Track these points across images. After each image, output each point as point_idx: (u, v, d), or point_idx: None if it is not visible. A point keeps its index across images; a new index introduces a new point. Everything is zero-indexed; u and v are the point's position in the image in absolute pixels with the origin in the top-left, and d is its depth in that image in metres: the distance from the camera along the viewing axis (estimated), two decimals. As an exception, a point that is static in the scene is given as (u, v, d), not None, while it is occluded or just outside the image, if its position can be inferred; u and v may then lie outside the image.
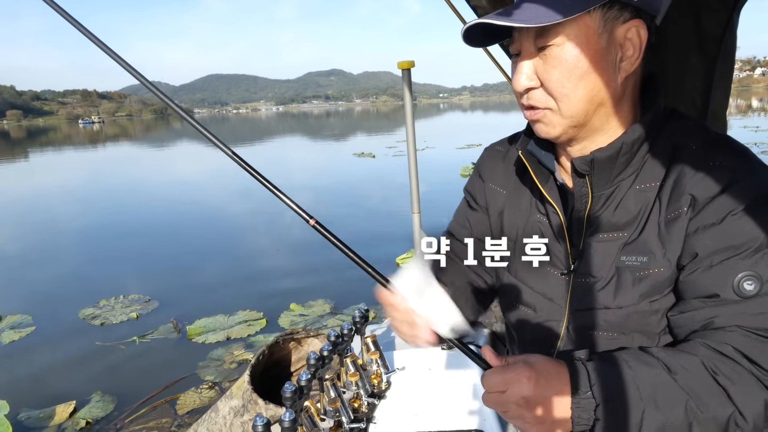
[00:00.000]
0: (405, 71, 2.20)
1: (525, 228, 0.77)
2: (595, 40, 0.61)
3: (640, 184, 0.66)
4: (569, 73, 0.62)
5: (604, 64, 0.62)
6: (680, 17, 1.43)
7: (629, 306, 0.66)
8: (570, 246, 0.71)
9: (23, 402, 3.02)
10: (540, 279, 0.75)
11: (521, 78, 0.65)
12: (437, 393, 1.20)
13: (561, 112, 0.64)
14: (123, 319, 4.20)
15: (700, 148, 0.64)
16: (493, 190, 0.84)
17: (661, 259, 0.64)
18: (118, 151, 26.65)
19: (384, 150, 16.82)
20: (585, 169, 0.67)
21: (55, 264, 5.94)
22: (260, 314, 4.11)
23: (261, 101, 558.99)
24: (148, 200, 10.09)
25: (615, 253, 0.67)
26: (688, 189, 0.62)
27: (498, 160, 0.85)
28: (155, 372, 3.30)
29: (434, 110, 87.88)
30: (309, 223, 0.66)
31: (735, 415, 0.55)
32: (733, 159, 0.62)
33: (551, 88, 0.63)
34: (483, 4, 1.66)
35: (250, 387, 1.45)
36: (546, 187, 0.72)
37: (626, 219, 0.67)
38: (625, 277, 0.66)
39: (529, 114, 0.68)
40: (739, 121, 18.77)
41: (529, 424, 0.57)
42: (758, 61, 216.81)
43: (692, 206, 0.62)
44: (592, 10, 0.60)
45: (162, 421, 2.74)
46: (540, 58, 0.64)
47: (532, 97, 0.66)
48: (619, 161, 0.65)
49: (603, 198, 0.68)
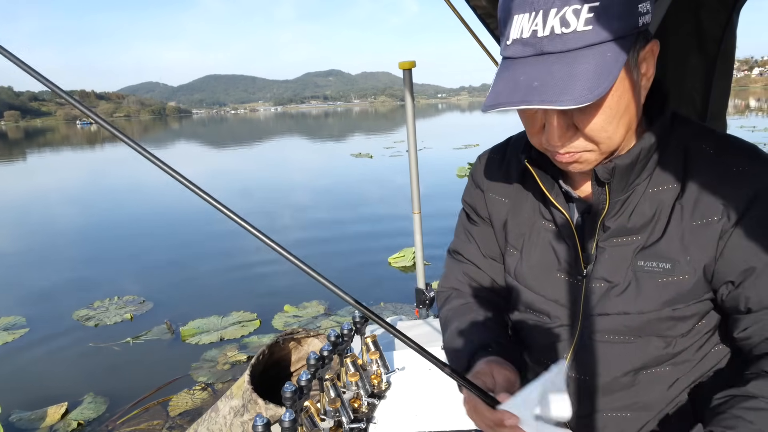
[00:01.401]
0: (406, 71, 2.19)
1: (531, 235, 0.76)
2: (630, 76, 0.59)
3: (653, 188, 0.66)
4: (612, 117, 0.58)
5: (636, 93, 0.61)
6: (680, 17, 1.43)
7: (651, 312, 0.65)
8: (581, 251, 0.70)
9: (15, 403, 2.99)
10: (551, 285, 0.73)
11: (556, 135, 0.59)
12: (437, 393, 1.19)
13: (602, 149, 0.61)
14: (117, 320, 4.17)
15: (715, 153, 0.64)
16: (494, 200, 0.81)
17: (685, 267, 0.63)
18: (115, 152, 26.56)
19: (381, 150, 16.85)
20: (606, 177, 0.64)
21: (49, 265, 5.90)
22: (254, 315, 4.09)
23: (259, 102, 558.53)
24: (144, 201, 10.05)
25: (630, 257, 0.66)
26: (717, 198, 0.62)
27: (495, 168, 0.82)
28: (148, 373, 3.27)
29: (432, 110, 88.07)
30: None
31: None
32: (753, 164, 0.62)
33: (594, 136, 0.59)
34: (483, 4, 1.65)
35: (250, 387, 1.44)
36: (552, 193, 0.71)
37: (641, 222, 0.66)
38: (645, 282, 0.65)
39: (561, 158, 0.63)
40: (736, 121, 18.93)
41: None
42: (756, 61, 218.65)
43: (726, 216, 0.61)
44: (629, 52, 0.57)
45: (154, 422, 2.71)
46: (577, 110, 0.58)
47: (570, 147, 0.61)
48: (638, 167, 0.65)
49: (618, 204, 0.67)
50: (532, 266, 0.75)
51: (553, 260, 0.73)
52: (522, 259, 0.76)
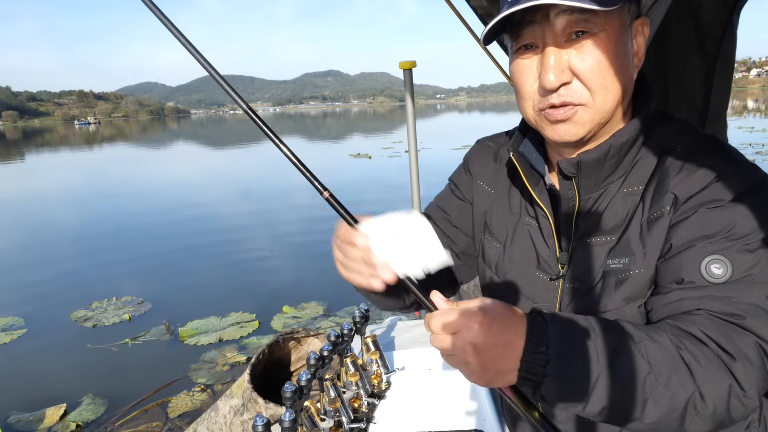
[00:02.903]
0: (406, 71, 2.19)
1: (515, 230, 0.76)
2: (624, 33, 0.60)
3: (627, 188, 0.65)
4: (609, 63, 0.58)
5: (629, 59, 0.61)
6: (680, 17, 1.43)
7: (614, 310, 0.64)
8: (559, 250, 0.70)
9: (13, 405, 2.98)
10: (529, 283, 0.73)
11: (552, 72, 0.58)
12: (437, 393, 1.19)
13: (596, 107, 0.60)
14: (115, 321, 4.16)
15: (685, 150, 0.63)
16: (480, 188, 0.82)
17: (641, 260, 0.62)
18: (113, 152, 26.51)
19: (380, 151, 16.85)
20: (571, 171, 0.64)
21: (47, 266, 5.88)
22: (253, 316, 4.08)
23: (258, 102, 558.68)
24: (142, 202, 10.02)
25: (603, 258, 0.65)
26: (671, 189, 0.61)
27: (488, 157, 0.83)
28: (147, 374, 3.26)
29: (431, 111, 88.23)
30: (323, 196, 0.62)
31: (695, 397, 0.51)
32: (716, 159, 0.61)
33: (590, 78, 0.58)
34: (483, 4, 1.65)
35: (250, 386, 1.43)
36: (536, 189, 0.70)
37: (614, 223, 0.65)
38: (608, 280, 0.65)
39: (556, 114, 0.61)
40: (734, 122, 18.99)
41: (472, 371, 0.53)
42: (754, 62, 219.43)
43: (674, 205, 0.61)
44: (626, 3, 0.59)
45: (153, 424, 2.70)
46: (572, 47, 0.59)
47: (566, 93, 0.60)
48: (607, 164, 0.63)
49: (590, 201, 0.66)
50: (513, 262, 0.75)
51: (533, 258, 0.73)
52: (504, 254, 0.77)
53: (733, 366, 0.52)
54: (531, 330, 0.52)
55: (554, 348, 0.51)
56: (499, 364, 0.52)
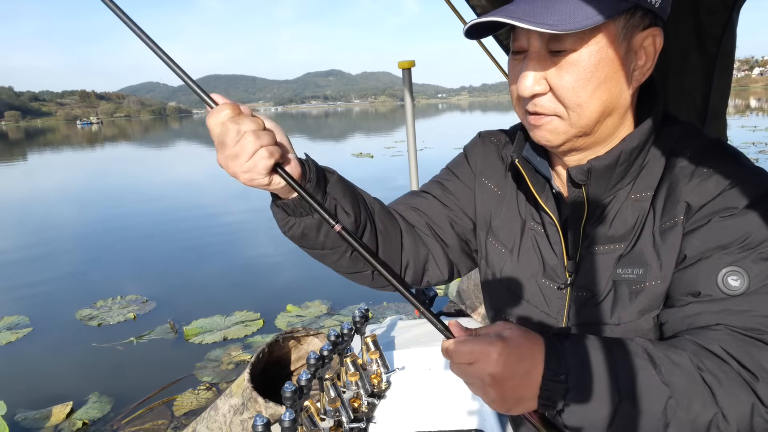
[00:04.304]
0: (405, 71, 2.20)
1: (522, 236, 0.74)
2: (615, 48, 0.57)
3: (636, 194, 0.64)
4: (586, 81, 0.57)
5: (621, 74, 0.58)
6: (680, 16, 1.43)
7: (628, 322, 0.63)
8: (566, 258, 0.68)
9: (20, 403, 3.00)
10: (535, 291, 0.72)
11: (527, 81, 0.59)
12: (437, 393, 1.20)
13: (570, 121, 0.60)
14: (120, 320, 4.18)
15: (694, 155, 0.62)
16: (485, 186, 0.79)
17: (657, 272, 0.61)
18: (116, 151, 26.58)
19: (382, 150, 16.83)
20: (582, 179, 0.63)
21: (52, 265, 5.91)
22: (257, 315, 4.09)
23: (260, 102, 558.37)
24: (146, 201, 10.06)
25: (612, 266, 0.64)
26: (683, 197, 0.60)
27: (493, 155, 0.79)
28: (152, 373, 3.28)
29: (433, 110, 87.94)
30: (335, 229, 0.59)
31: (717, 418, 0.51)
32: (726, 165, 0.60)
33: (563, 96, 0.58)
34: (483, 3, 1.65)
35: (250, 385, 1.44)
36: (542, 195, 0.69)
37: (623, 230, 0.64)
38: (622, 291, 0.63)
39: (532, 119, 0.62)
40: (737, 121, 18.83)
41: (491, 400, 0.53)
42: (756, 60, 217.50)
43: (686, 215, 0.60)
44: (618, 16, 0.56)
45: (159, 422, 2.72)
46: (552, 61, 0.58)
47: (538, 104, 0.60)
48: (617, 170, 0.62)
49: (600, 208, 0.65)
50: (519, 269, 0.73)
51: (539, 265, 0.71)
52: (510, 260, 0.75)
53: (755, 384, 0.52)
54: (549, 357, 0.52)
55: (573, 377, 0.52)
56: (518, 392, 0.52)
